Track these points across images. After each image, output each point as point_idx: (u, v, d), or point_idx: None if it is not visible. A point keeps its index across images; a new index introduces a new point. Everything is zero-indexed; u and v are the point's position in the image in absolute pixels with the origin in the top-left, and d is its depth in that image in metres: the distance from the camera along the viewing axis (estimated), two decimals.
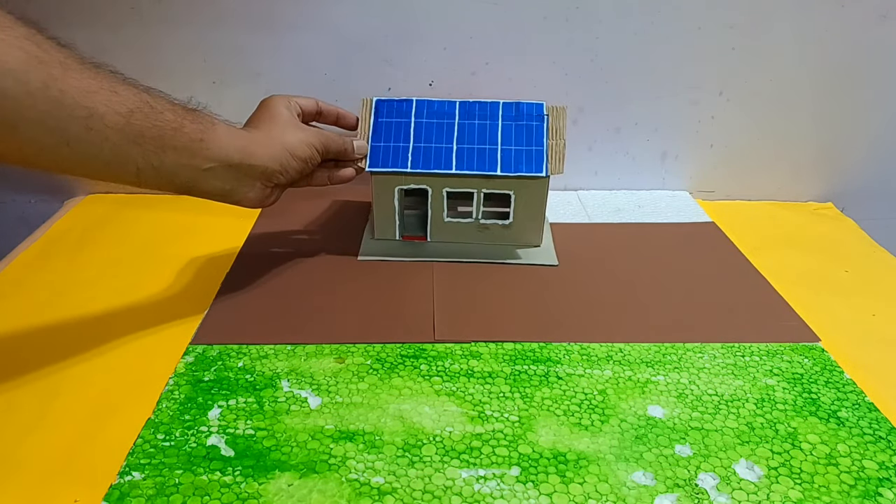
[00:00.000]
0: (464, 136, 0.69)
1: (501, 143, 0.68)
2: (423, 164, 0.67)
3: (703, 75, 0.82)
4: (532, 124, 0.69)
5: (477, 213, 0.70)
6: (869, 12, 0.77)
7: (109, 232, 0.78)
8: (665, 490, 0.45)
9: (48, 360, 0.57)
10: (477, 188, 0.69)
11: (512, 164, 0.67)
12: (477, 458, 0.47)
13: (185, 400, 0.52)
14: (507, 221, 0.71)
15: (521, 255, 0.72)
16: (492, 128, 0.69)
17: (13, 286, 0.67)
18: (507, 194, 0.69)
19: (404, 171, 0.67)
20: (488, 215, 0.71)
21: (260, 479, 0.45)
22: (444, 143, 0.68)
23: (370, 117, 0.70)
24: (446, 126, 0.69)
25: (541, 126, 0.68)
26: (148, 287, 0.67)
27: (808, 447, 0.49)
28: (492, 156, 0.67)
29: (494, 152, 0.67)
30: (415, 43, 0.78)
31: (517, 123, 0.69)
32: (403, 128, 0.69)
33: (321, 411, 0.51)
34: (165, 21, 0.76)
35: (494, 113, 0.70)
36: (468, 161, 0.67)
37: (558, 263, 0.71)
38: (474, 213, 0.70)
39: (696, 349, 0.59)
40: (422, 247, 0.73)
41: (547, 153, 0.67)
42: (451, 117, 0.70)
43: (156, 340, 0.59)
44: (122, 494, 0.44)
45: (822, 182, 0.90)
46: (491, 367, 0.56)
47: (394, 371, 0.56)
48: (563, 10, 0.76)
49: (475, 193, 0.69)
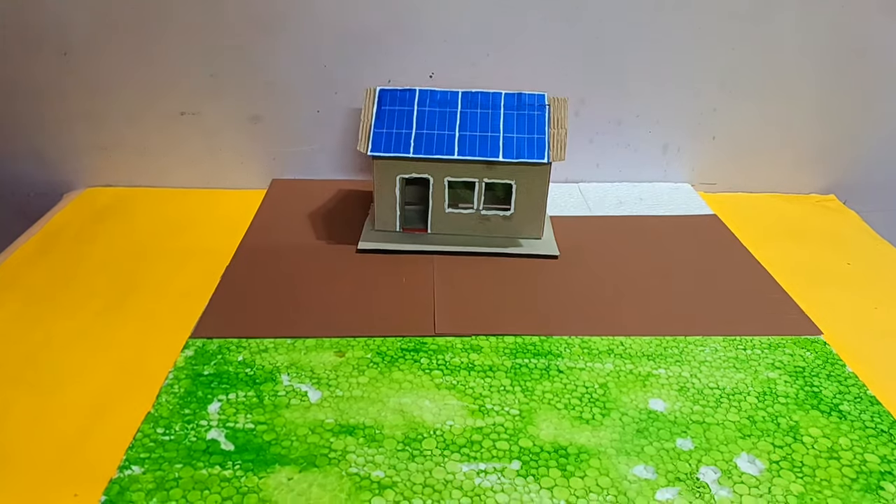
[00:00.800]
0: (466, 124, 0.69)
1: (504, 131, 0.68)
2: (426, 150, 0.68)
3: (705, 67, 0.81)
4: (534, 113, 0.69)
5: (478, 203, 0.70)
6: (872, 4, 0.77)
7: (108, 225, 0.78)
8: (666, 484, 0.45)
9: (47, 353, 0.57)
10: (479, 177, 0.69)
11: (514, 151, 0.67)
12: (477, 451, 0.47)
13: (184, 394, 0.52)
14: (509, 212, 0.71)
15: (523, 244, 0.72)
16: (494, 116, 0.69)
17: (12, 280, 0.67)
18: (509, 184, 0.69)
19: (406, 156, 0.68)
20: (489, 202, 0.71)
21: (260, 473, 0.45)
22: (446, 130, 0.68)
23: (373, 106, 0.70)
24: (448, 114, 0.69)
25: (542, 115, 0.69)
26: (147, 280, 0.67)
27: (810, 440, 0.49)
28: (493, 143, 0.68)
29: (496, 139, 0.68)
30: (415, 34, 0.78)
31: (519, 112, 0.69)
32: (406, 115, 0.69)
33: (321, 405, 0.51)
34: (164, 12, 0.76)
35: (497, 102, 0.70)
36: (470, 147, 0.67)
37: (559, 254, 0.71)
38: (475, 203, 0.70)
39: (697, 342, 0.59)
40: (422, 237, 0.73)
41: (549, 141, 0.67)
42: (453, 106, 0.70)
43: (155, 334, 0.59)
44: (121, 489, 0.44)
45: (824, 174, 0.90)
46: (491, 360, 0.56)
47: (394, 365, 0.55)
48: (566, 1, 0.76)
49: (476, 183, 0.69)
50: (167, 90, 0.81)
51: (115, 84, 0.80)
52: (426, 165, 0.68)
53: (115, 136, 0.84)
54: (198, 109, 0.83)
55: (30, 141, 0.84)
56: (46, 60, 0.79)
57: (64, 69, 0.79)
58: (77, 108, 0.82)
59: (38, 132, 0.84)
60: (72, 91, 0.81)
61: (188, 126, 0.83)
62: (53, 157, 0.86)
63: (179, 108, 0.83)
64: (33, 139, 0.84)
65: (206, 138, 0.85)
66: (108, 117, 0.83)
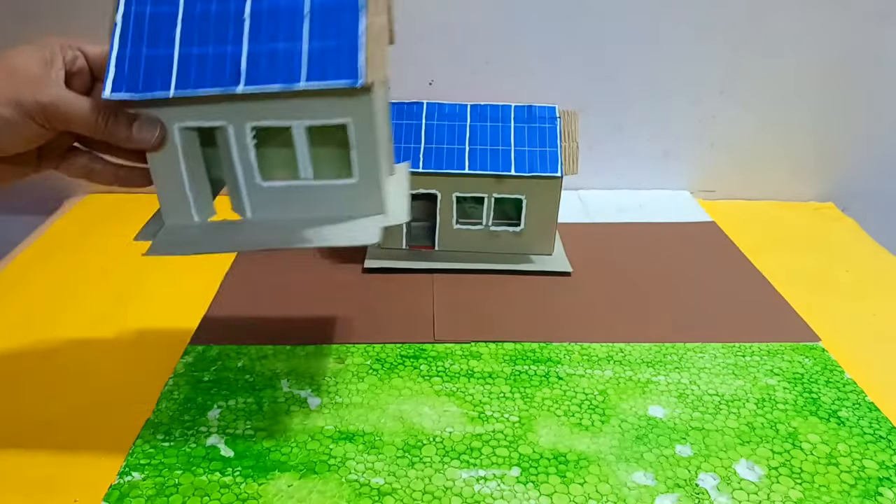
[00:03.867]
0: (476, 138, 0.68)
1: (515, 145, 0.67)
2: (436, 165, 0.67)
3: (704, 75, 0.81)
4: (545, 126, 0.68)
5: (487, 219, 0.70)
6: (870, 12, 0.77)
7: (109, 231, 0.78)
8: (665, 490, 0.45)
9: (47, 359, 0.57)
10: (488, 192, 0.68)
11: (526, 164, 0.66)
12: (477, 458, 0.47)
13: (184, 400, 0.52)
14: (519, 228, 0.70)
15: (534, 261, 0.71)
16: (504, 130, 0.68)
17: (13, 285, 0.67)
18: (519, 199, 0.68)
19: (416, 171, 0.66)
20: (497, 217, 0.69)
21: (259, 479, 0.45)
22: (455, 144, 0.68)
23: None
24: (458, 128, 0.69)
25: (553, 128, 0.68)
26: (147, 287, 0.67)
27: (809, 447, 0.49)
28: (505, 156, 0.67)
29: (508, 153, 0.67)
30: (414, 41, 0.78)
31: (530, 125, 0.68)
32: (414, 129, 0.69)
33: (321, 412, 0.51)
34: None
35: (506, 115, 0.69)
36: (481, 161, 0.67)
37: (572, 271, 0.70)
38: (484, 219, 0.69)
39: (696, 349, 0.59)
40: (429, 255, 0.72)
41: (561, 154, 0.67)
42: (462, 119, 0.69)
43: (155, 340, 0.59)
44: (121, 495, 0.44)
45: (822, 182, 0.90)
46: (491, 367, 0.56)
47: (394, 371, 0.55)
48: (565, 9, 0.76)
49: (486, 199, 0.68)
50: None
51: None
52: (434, 180, 0.67)
53: None
54: None
55: None
56: None
57: None
58: None
59: None
60: None
61: None
62: None
63: None
64: None
65: None
66: None
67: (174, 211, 0.45)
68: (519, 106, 0.69)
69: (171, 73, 0.40)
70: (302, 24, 0.41)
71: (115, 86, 0.40)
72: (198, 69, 0.40)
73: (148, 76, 0.41)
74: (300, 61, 0.40)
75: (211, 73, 0.40)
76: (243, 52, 0.40)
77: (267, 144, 0.43)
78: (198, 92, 0.40)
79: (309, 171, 0.44)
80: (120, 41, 0.41)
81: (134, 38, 0.41)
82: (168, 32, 0.41)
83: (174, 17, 0.41)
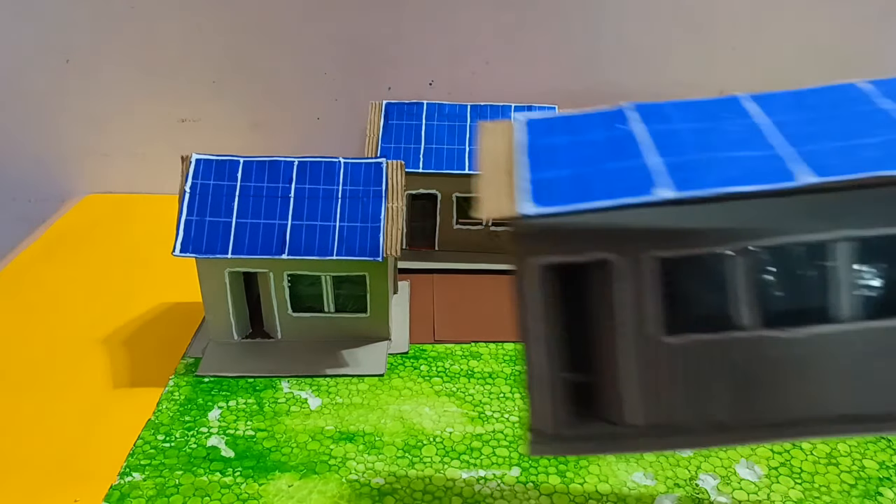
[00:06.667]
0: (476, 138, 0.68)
1: None
2: (436, 165, 0.67)
3: (702, 74, 0.81)
4: None
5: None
6: (870, 11, 0.77)
7: (109, 232, 0.78)
8: (665, 490, 0.45)
9: (47, 359, 0.57)
10: None
11: None
12: (477, 458, 0.47)
13: (185, 401, 0.52)
14: None
15: None
16: None
17: (12, 285, 0.67)
18: None
19: (416, 171, 0.66)
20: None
21: (260, 479, 0.45)
22: (455, 144, 0.68)
23: (380, 120, 0.69)
24: (458, 128, 0.69)
25: None
26: (147, 287, 0.67)
27: (809, 447, 0.49)
28: None
29: None
30: (415, 42, 0.78)
31: None
32: (414, 130, 0.69)
33: (321, 412, 0.51)
34: (165, 19, 0.76)
35: (507, 115, 0.69)
36: None
37: None
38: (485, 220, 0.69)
39: None
40: (429, 255, 0.72)
41: None
42: (462, 120, 0.69)
43: (155, 341, 0.59)
44: (122, 495, 0.44)
45: None
46: (491, 367, 0.56)
47: (394, 372, 0.55)
48: (564, 10, 0.76)
49: None
50: (168, 97, 0.81)
51: (116, 90, 0.81)
52: (434, 180, 0.67)
53: (116, 143, 0.85)
54: (198, 116, 0.83)
55: (30, 147, 0.85)
56: (48, 67, 0.79)
57: (65, 75, 0.80)
58: (78, 114, 0.82)
59: (39, 138, 0.84)
60: (73, 97, 0.81)
61: (189, 132, 0.84)
62: (54, 163, 0.86)
63: (180, 114, 0.83)
64: (34, 145, 0.85)
65: (206, 145, 0.85)
66: (108, 124, 0.83)
67: (218, 331, 0.57)
68: (519, 106, 0.69)
69: (229, 239, 0.51)
70: (336, 206, 0.53)
71: (183, 246, 0.52)
72: (251, 237, 0.52)
73: (210, 240, 0.52)
74: (333, 237, 0.52)
75: (262, 242, 0.52)
76: (288, 226, 0.52)
77: (298, 284, 0.55)
78: (248, 257, 0.52)
79: (331, 306, 0.56)
80: (188, 208, 0.52)
81: (200, 207, 0.52)
82: (227, 203, 0.52)
83: (232, 190, 0.53)
